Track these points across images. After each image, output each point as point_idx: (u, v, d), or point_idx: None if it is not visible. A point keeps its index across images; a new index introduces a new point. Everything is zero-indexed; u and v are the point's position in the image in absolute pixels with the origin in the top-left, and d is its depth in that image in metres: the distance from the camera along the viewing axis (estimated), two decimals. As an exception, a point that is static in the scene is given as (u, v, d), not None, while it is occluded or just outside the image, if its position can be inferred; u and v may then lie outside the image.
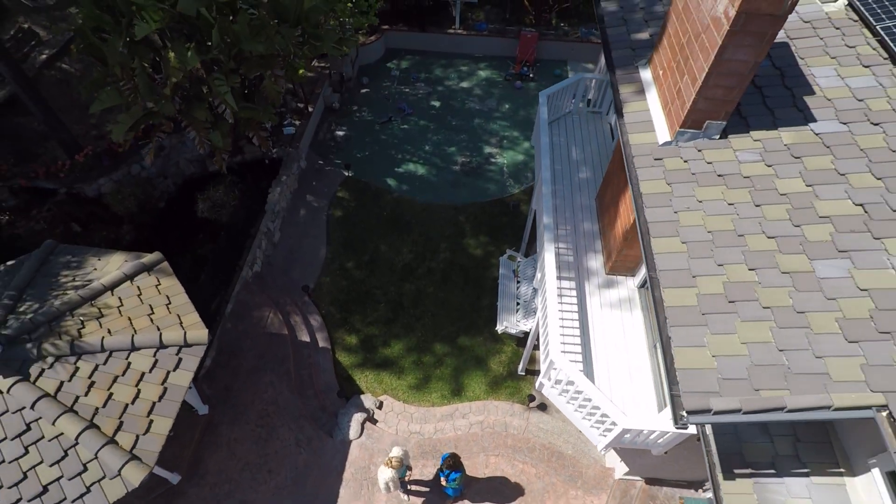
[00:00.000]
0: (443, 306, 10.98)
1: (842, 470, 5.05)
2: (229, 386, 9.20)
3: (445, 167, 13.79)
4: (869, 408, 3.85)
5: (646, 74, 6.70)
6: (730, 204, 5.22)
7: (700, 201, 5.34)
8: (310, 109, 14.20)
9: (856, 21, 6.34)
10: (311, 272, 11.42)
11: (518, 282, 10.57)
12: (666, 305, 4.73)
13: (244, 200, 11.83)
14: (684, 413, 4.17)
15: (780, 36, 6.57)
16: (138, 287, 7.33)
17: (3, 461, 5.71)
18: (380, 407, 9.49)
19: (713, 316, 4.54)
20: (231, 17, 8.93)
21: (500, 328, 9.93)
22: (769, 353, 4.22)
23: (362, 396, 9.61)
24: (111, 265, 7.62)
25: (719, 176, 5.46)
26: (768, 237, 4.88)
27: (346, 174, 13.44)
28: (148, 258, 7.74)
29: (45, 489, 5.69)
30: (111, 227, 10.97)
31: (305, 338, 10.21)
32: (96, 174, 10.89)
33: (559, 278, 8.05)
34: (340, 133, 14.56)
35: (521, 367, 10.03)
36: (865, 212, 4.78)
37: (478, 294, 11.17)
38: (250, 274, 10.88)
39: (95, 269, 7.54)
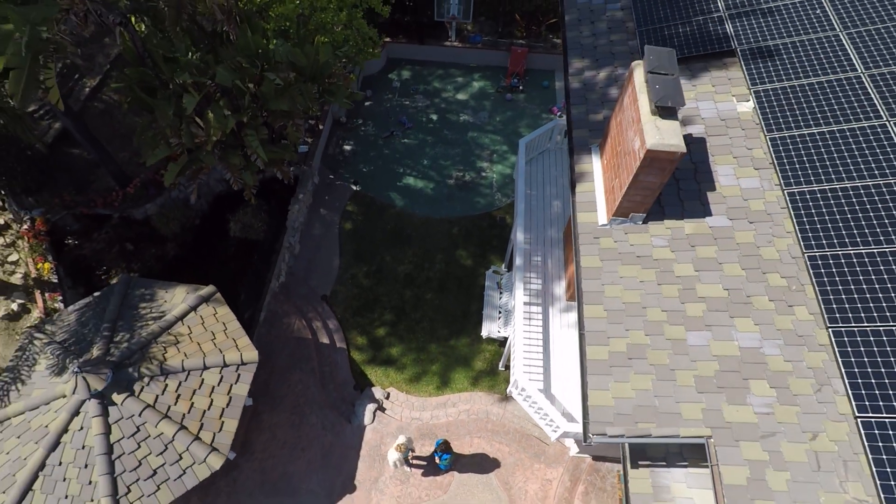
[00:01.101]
0: (438, 311, 13.17)
1: (707, 463, 7.35)
2: (267, 381, 11.51)
3: (441, 181, 15.61)
4: (702, 437, 6.07)
5: (595, 160, 8.55)
6: (641, 281, 7.25)
7: (621, 277, 7.37)
8: (320, 127, 15.84)
9: (758, 124, 8.14)
10: (328, 281, 13.53)
11: (501, 293, 12.70)
12: (588, 358, 6.87)
13: (268, 217, 13.74)
14: (591, 435, 6.39)
15: (700, 132, 8.38)
16: (201, 317, 9.47)
17: (124, 453, 8.03)
18: (387, 397, 11.86)
19: (616, 368, 6.69)
20: (259, 84, 10.59)
21: (484, 334, 12.15)
22: (648, 397, 6.40)
23: (373, 388, 11.96)
24: (177, 297, 9.73)
25: (637, 257, 7.46)
26: (662, 310, 6.96)
27: (354, 189, 15.29)
28: (204, 291, 9.84)
29: (155, 472, 8.05)
30: (157, 245, 12.98)
31: (325, 340, 12.46)
32: (143, 201, 12.79)
33: (527, 304, 10.17)
34: (348, 147, 16.27)
35: (501, 364, 12.33)
36: (728, 295, 6.83)
37: (468, 300, 13.32)
38: (277, 285, 13.00)
39: (165, 301, 9.66)
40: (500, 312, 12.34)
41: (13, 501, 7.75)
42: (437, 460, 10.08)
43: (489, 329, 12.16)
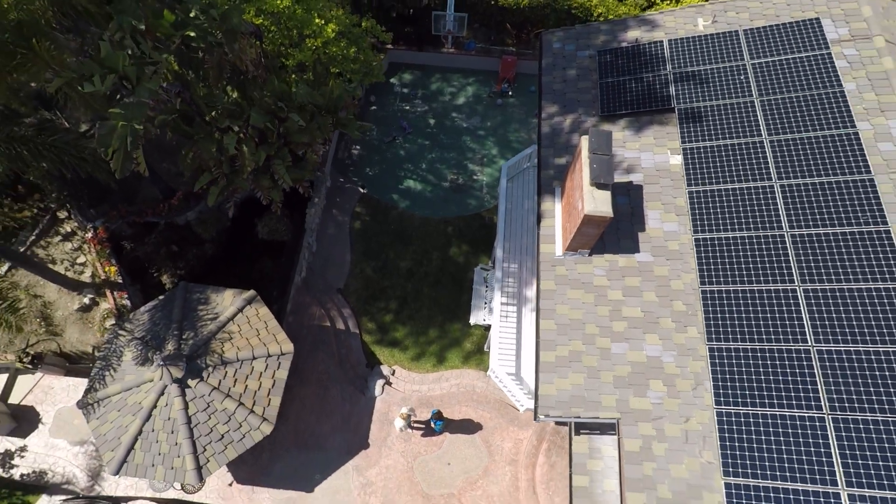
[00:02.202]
0: (435, 302, 15.73)
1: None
2: (296, 362, 14.17)
3: (438, 184, 17.79)
4: (614, 418, 8.73)
5: (557, 201, 10.83)
6: (583, 302, 9.73)
7: (569, 298, 9.85)
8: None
9: (683, 177, 10.36)
10: (341, 275, 16.02)
11: (487, 287, 15.20)
12: (540, 361, 9.45)
13: (289, 220, 16.04)
14: (539, 416, 9.06)
15: (639, 179, 10.62)
16: (247, 317, 12.03)
17: (199, 422, 10.79)
18: (393, 373, 14.62)
19: (560, 368, 9.28)
20: (284, 122, 12.65)
21: (472, 321, 14.74)
22: (580, 390, 9.02)
23: (381, 366, 14.70)
24: (226, 300, 12.26)
25: (582, 283, 9.91)
26: (596, 326, 9.47)
27: (362, 191, 17.50)
28: (247, 294, 12.35)
29: (222, 436, 10.84)
30: (197, 247, 15.37)
31: (341, 326, 15.09)
32: (185, 209, 15.07)
33: (503, 304, 12.69)
34: (355, 152, 18.34)
35: (486, 346, 15.01)
36: (644, 316, 9.33)
37: (460, 293, 15.85)
38: (299, 280, 15.50)
39: (217, 304, 12.19)
40: (486, 303, 14.88)
41: (121, 457, 10.58)
42: (433, 425, 12.94)
43: (477, 317, 14.74)
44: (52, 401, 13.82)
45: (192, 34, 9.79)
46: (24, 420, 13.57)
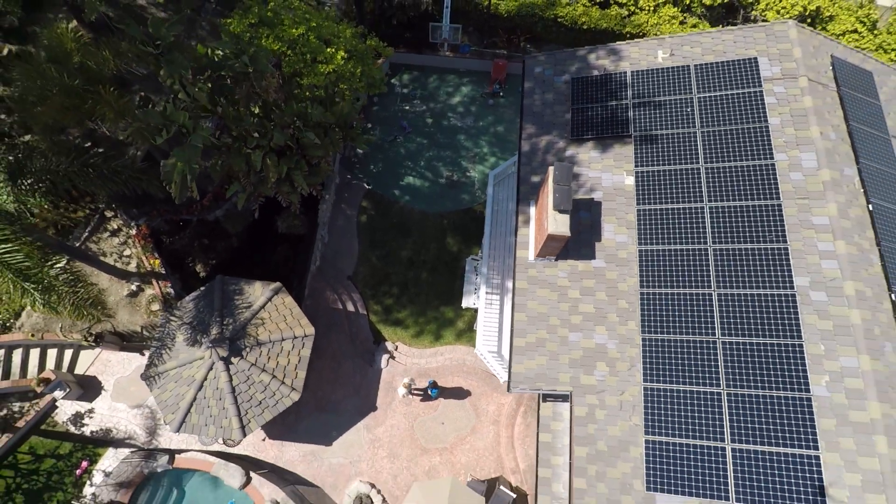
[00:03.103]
0: (432, 287, 18.17)
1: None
2: (314, 339, 16.76)
3: (435, 181, 19.91)
4: (568, 391, 11.30)
5: (532, 211, 13.08)
6: (548, 299, 12.14)
7: (538, 295, 12.25)
8: (338, 135, 19.78)
9: (634, 196, 12.55)
10: (351, 263, 18.39)
11: (476, 275, 17.59)
12: (513, 346, 11.95)
13: (304, 216, 18.28)
14: (511, 388, 11.63)
15: (599, 197, 12.81)
16: (275, 305, 14.49)
17: (241, 392, 13.42)
18: (396, 349, 17.21)
19: (528, 352, 11.78)
20: (300, 139, 14.70)
21: (464, 304, 17.15)
22: (542, 370, 11.54)
23: (386, 343, 17.28)
24: (256, 291, 14.69)
25: (548, 283, 12.29)
26: (558, 318, 11.91)
27: (367, 187, 19.64)
28: (274, 286, 14.77)
29: (259, 402, 13.49)
30: (225, 240, 17.68)
31: (352, 308, 17.59)
32: (214, 207, 17.28)
33: (488, 294, 15.11)
34: (360, 151, 20.34)
35: (475, 325, 17.53)
36: (595, 311, 11.75)
37: (453, 279, 18.25)
38: (314, 268, 17.89)
39: (249, 294, 14.62)
40: (475, 289, 17.30)
41: (180, 418, 13.26)
42: (430, 392, 15.63)
43: (467, 301, 17.16)
44: (110, 371, 16.49)
45: (225, 73, 11.80)
46: (89, 387, 16.28)
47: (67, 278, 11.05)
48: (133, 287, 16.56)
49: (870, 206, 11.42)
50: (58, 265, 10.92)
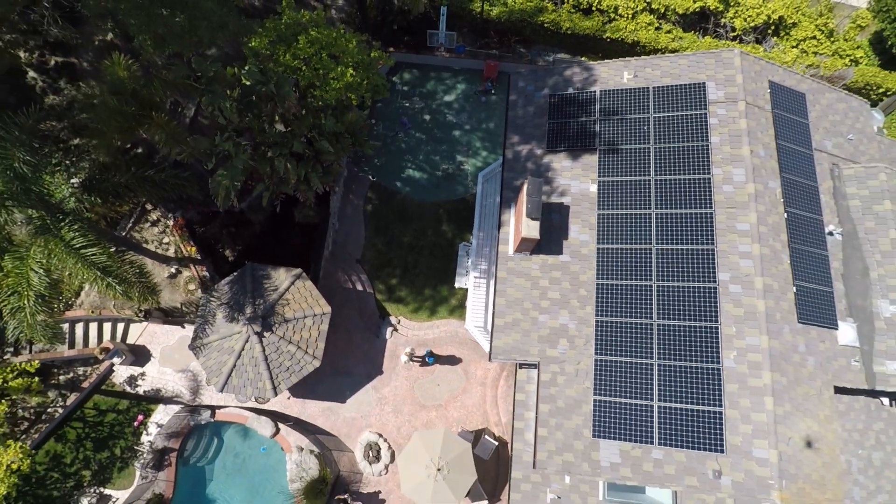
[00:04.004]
0: (429, 269, 20.89)
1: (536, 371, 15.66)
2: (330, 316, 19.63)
3: (432, 173, 22.30)
4: (536, 361, 14.19)
5: (512, 213, 15.63)
6: (523, 287, 14.87)
7: (515, 284, 14.98)
8: (345, 132, 22.03)
9: (595, 202, 15.06)
10: (358, 248, 21.05)
11: (468, 259, 20.27)
12: (494, 325, 14.77)
13: (318, 206, 20.80)
14: (492, 358, 14.53)
15: (568, 201, 15.33)
16: (297, 288, 17.26)
17: (272, 360, 16.35)
18: (398, 323, 20.11)
19: (506, 329, 14.61)
20: (316, 146, 17.07)
21: (457, 285, 19.97)
22: (517, 344, 14.39)
23: (390, 317, 20.15)
24: (281, 276, 17.42)
25: (524, 274, 14.99)
26: (530, 303, 14.67)
27: (372, 179, 22.06)
28: (295, 272, 17.49)
29: (287, 368, 16.46)
30: (249, 228, 20.28)
31: (360, 288, 20.39)
32: (239, 200, 19.76)
33: (476, 278, 17.84)
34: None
35: (466, 302, 20.35)
36: (560, 297, 14.50)
37: (448, 262, 20.92)
38: (327, 253, 20.57)
39: (275, 279, 17.36)
40: (466, 271, 20.04)
41: (223, 381, 16.24)
42: (427, 360, 18.63)
43: (460, 282, 19.94)
44: (157, 341, 19.45)
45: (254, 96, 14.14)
46: (140, 355, 19.27)
47: (135, 271, 13.75)
48: (172, 270, 19.29)
49: (785, 214, 14.00)
50: (128, 260, 13.58)
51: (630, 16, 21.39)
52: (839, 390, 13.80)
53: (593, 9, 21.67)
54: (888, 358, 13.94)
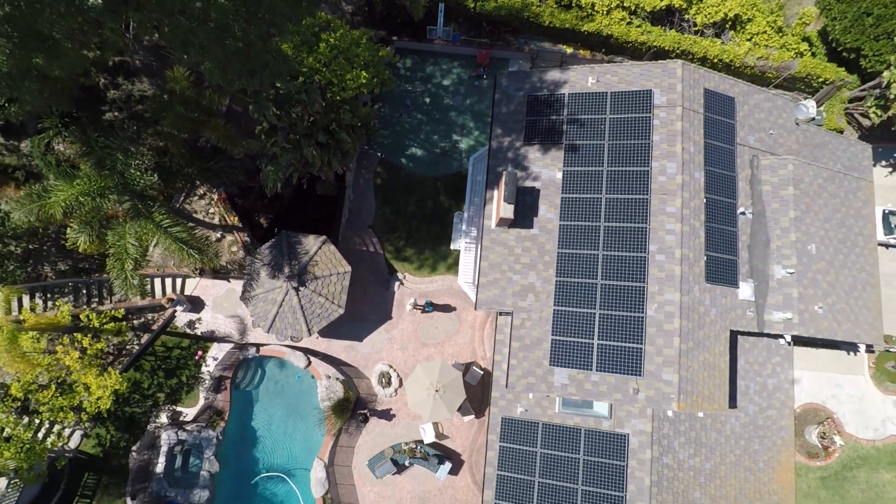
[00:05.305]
0: (429, 233, 25.08)
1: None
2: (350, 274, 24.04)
3: (431, 150, 26.00)
4: (510, 311, 18.72)
5: (495, 194, 19.66)
6: (501, 254, 19.14)
7: (496, 251, 19.26)
8: (356, 114, 25.52)
9: (560, 187, 19.01)
10: (370, 216, 25.15)
11: (461, 226, 24.40)
12: (479, 282, 19.17)
13: (335, 181, 24.71)
14: (477, 308, 19.05)
15: (539, 186, 19.29)
16: (323, 251, 21.57)
17: (306, 308, 20.92)
18: (404, 278, 24.57)
19: (488, 286, 19.04)
20: (335, 136, 20.77)
21: (452, 247, 24.24)
22: (497, 297, 18.86)
23: (397, 273, 24.58)
24: (310, 242, 21.69)
25: (503, 243, 19.23)
26: (506, 267, 19.00)
27: (380, 156, 25.80)
28: (321, 238, 21.74)
29: (318, 314, 21.05)
30: (279, 200, 24.31)
31: (372, 249, 24.70)
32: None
33: (465, 244, 22.08)
34: (372, 123, 26.12)
35: (459, 262, 24.71)
36: (530, 262, 18.79)
37: (445, 227, 25.06)
38: (344, 221, 24.71)
39: (305, 245, 21.63)
40: (459, 237, 24.24)
41: (269, 324, 20.87)
42: (427, 308, 23.26)
43: (455, 245, 24.15)
44: (208, 293, 24.00)
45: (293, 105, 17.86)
46: (196, 304, 23.87)
47: (204, 241, 17.98)
48: (218, 235, 23.51)
49: (705, 199, 18.04)
50: (199, 234, 17.78)
51: (605, 12, 24.34)
52: (736, 333, 18.43)
53: (573, 5, 24.55)
54: (776, 309, 18.49)
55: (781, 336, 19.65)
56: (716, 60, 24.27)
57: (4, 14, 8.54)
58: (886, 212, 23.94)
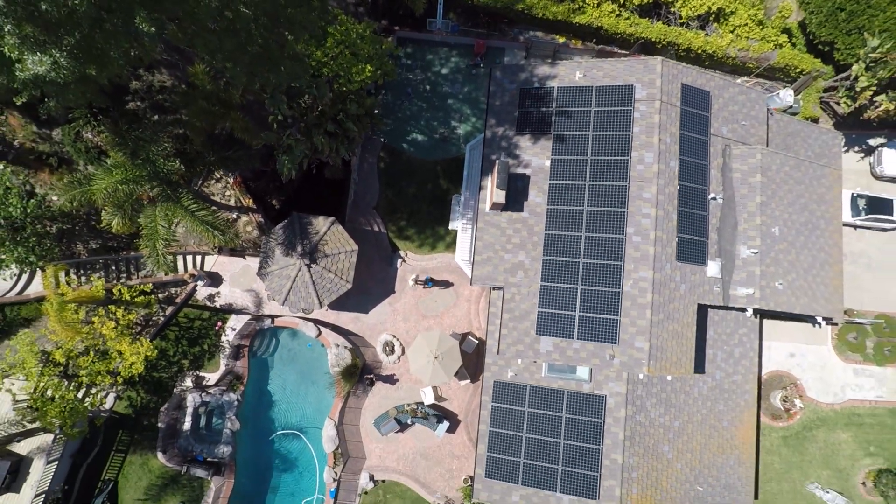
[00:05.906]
0: (429, 214, 27.00)
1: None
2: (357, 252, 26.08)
3: (430, 136, 27.69)
4: (502, 286, 20.81)
5: (488, 182, 21.54)
6: (495, 234, 21.13)
7: (489, 232, 21.26)
8: (361, 102, 27.14)
9: (549, 174, 20.86)
10: (374, 198, 27.02)
11: (459, 207, 26.31)
12: (475, 260, 21.22)
13: (342, 166, 26.50)
14: (472, 283, 21.14)
15: (529, 172, 21.14)
16: (332, 231, 23.56)
17: (318, 283, 23.03)
18: (406, 255, 26.62)
19: (483, 264, 21.09)
20: (343, 125, 22.49)
21: (450, 227, 26.20)
22: (491, 273, 20.94)
23: (399, 251, 26.62)
24: (320, 223, 23.66)
25: (496, 225, 21.21)
26: (499, 246, 21.01)
27: (383, 141, 27.51)
28: (330, 219, 23.69)
29: (328, 288, 23.18)
30: (290, 184, 26.11)
31: (376, 229, 26.67)
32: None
33: (462, 224, 24.04)
34: (376, 112, 27.76)
35: (456, 241, 26.72)
36: (520, 242, 20.79)
37: (444, 208, 26.97)
38: (350, 202, 26.61)
39: (316, 225, 23.61)
40: (457, 217, 26.17)
41: (284, 297, 23.02)
42: (427, 283, 25.39)
43: (453, 225, 26.12)
44: (226, 269, 26.10)
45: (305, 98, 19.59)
46: (215, 279, 25.99)
47: (226, 223, 19.94)
48: (233, 216, 25.47)
49: (678, 186, 19.93)
50: (221, 217, 19.73)
51: (596, 4, 25.69)
52: (703, 306, 20.57)
53: (566, -2, 25.87)
54: (740, 285, 20.60)
55: (744, 309, 21.80)
56: (700, 51, 25.75)
57: (75, 41, 10.28)
58: (855, 195, 25.79)
